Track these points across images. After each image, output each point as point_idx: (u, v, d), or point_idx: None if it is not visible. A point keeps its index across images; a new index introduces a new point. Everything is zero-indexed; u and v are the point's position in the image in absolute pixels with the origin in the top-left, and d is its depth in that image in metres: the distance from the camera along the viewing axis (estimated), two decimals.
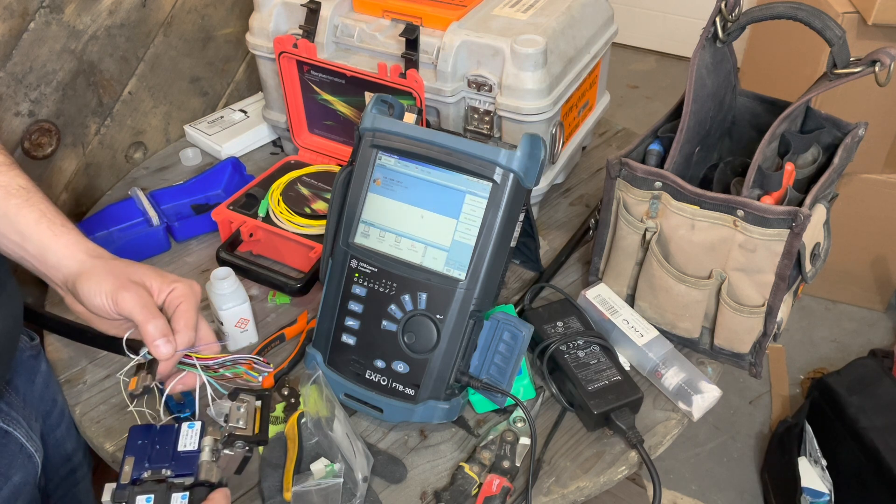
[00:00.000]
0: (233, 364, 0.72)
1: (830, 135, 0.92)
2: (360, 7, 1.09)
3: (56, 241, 0.71)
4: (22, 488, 0.76)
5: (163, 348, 0.67)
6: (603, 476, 0.82)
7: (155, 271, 0.71)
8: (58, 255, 0.70)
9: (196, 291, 0.72)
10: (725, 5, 0.86)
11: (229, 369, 0.73)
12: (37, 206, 0.71)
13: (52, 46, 1.11)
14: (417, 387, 0.81)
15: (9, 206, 0.71)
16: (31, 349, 0.88)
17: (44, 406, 0.87)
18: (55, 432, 0.89)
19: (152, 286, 0.70)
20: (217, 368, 0.73)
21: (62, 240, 0.71)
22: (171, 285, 0.71)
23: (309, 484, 0.76)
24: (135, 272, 0.70)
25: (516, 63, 0.98)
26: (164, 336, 0.67)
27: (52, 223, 0.71)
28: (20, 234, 0.70)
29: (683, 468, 1.75)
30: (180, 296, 0.70)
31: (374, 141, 0.83)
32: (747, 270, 0.84)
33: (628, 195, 0.89)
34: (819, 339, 2.05)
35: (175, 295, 0.70)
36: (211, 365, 0.72)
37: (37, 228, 0.71)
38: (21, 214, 0.70)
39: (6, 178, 0.72)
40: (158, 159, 1.31)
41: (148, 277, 0.70)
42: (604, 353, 0.88)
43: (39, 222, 0.71)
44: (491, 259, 0.79)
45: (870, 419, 1.49)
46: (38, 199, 0.72)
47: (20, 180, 0.73)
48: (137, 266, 0.71)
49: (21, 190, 0.72)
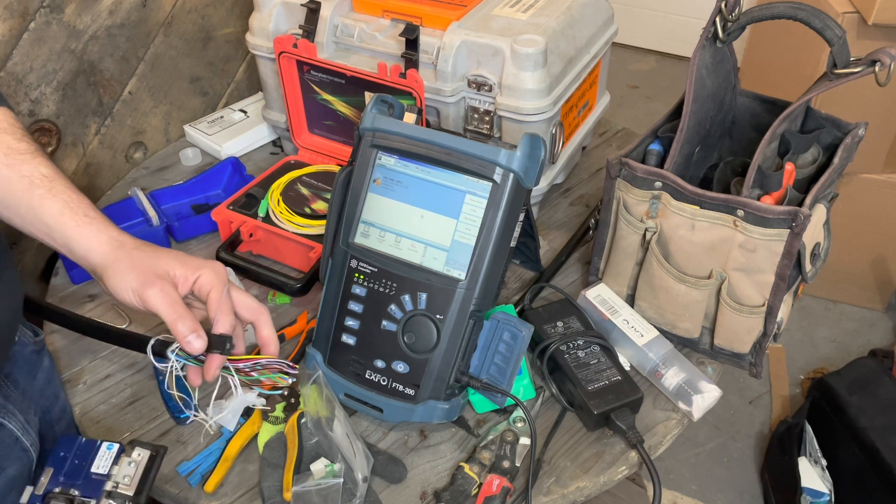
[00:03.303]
0: (263, 368, 0.73)
1: (830, 135, 0.92)
2: (360, 7, 1.09)
3: (79, 232, 0.71)
4: (16, 481, 0.76)
5: (195, 343, 0.68)
6: (603, 476, 0.82)
7: (178, 259, 0.71)
8: (82, 248, 0.71)
9: (221, 273, 0.72)
10: (725, 5, 0.86)
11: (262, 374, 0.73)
12: (60, 196, 0.71)
13: (52, 46, 1.11)
14: (417, 387, 0.81)
15: (32, 196, 0.71)
16: (34, 344, 0.88)
17: (44, 401, 0.87)
18: (55, 428, 0.89)
19: (177, 276, 0.70)
20: (249, 371, 0.73)
21: (85, 231, 0.71)
22: (196, 272, 0.71)
23: (309, 484, 0.76)
24: (158, 263, 0.70)
25: (516, 63, 0.98)
26: (194, 332, 0.68)
27: (75, 213, 0.71)
28: (46, 225, 0.71)
29: (683, 468, 1.75)
30: (208, 283, 0.71)
31: (374, 141, 0.83)
32: (747, 270, 0.84)
33: (628, 195, 0.89)
34: (819, 339, 2.05)
35: (202, 283, 0.71)
36: (242, 368, 0.72)
37: (60, 220, 0.71)
38: (45, 205, 0.71)
39: (30, 168, 0.72)
40: (158, 159, 1.31)
41: (172, 267, 0.70)
42: (604, 353, 0.88)
43: (63, 213, 0.71)
44: (491, 259, 0.79)
45: (870, 419, 1.49)
46: (61, 187, 0.72)
47: (43, 168, 0.73)
48: (161, 255, 0.71)
49: (44, 179, 0.72)
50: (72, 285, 1.05)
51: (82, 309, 1.01)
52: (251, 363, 0.73)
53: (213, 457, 0.82)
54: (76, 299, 1.03)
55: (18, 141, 0.74)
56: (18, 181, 0.71)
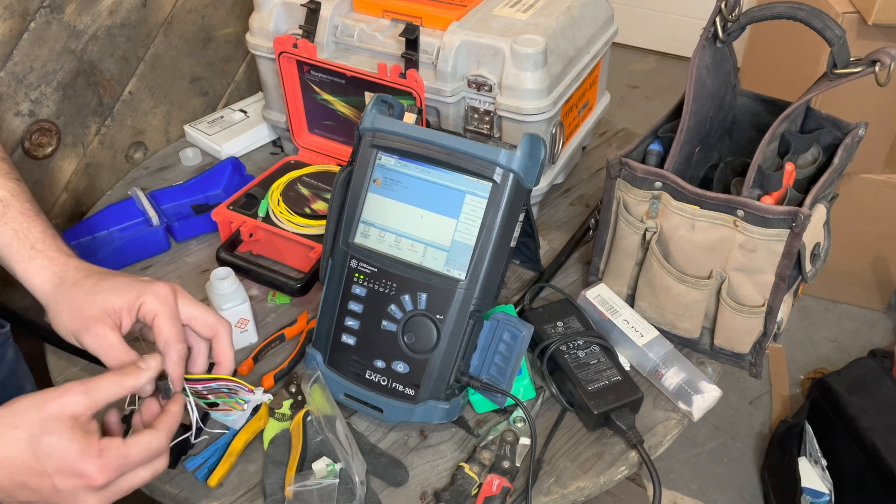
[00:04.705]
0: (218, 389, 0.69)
1: (830, 135, 0.93)
2: (360, 7, 1.09)
3: (24, 267, 0.68)
4: None
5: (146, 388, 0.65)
6: (603, 476, 0.82)
7: (117, 290, 0.67)
8: (29, 283, 0.68)
9: (164, 296, 0.67)
10: (725, 5, 0.86)
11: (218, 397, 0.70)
12: (10, 225, 0.69)
13: (52, 46, 1.11)
14: (417, 387, 0.81)
15: None
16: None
17: (6, 393, 0.86)
18: None
19: (118, 309, 0.66)
20: (205, 394, 0.70)
21: (28, 267, 0.68)
22: (137, 301, 0.66)
23: (309, 483, 0.76)
24: (96, 300, 0.66)
25: (516, 63, 0.98)
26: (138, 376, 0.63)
27: (22, 245, 0.69)
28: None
29: (683, 468, 1.76)
30: (151, 310, 0.67)
31: (374, 141, 0.83)
32: (747, 270, 0.84)
33: (628, 195, 0.89)
34: (819, 339, 2.05)
35: (146, 311, 0.67)
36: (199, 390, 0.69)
37: (8, 251, 0.69)
38: None
39: None
40: (158, 159, 1.31)
41: (111, 301, 0.66)
42: (604, 353, 0.88)
43: (10, 244, 0.69)
44: (491, 259, 0.79)
45: (870, 419, 1.49)
46: (13, 214, 0.70)
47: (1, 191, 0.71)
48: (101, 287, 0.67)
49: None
50: None
51: None
52: (208, 386, 0.69)
53: (220, 452, 0.82)
54: None
55: None
56: None
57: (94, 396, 0.60)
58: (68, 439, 0.58)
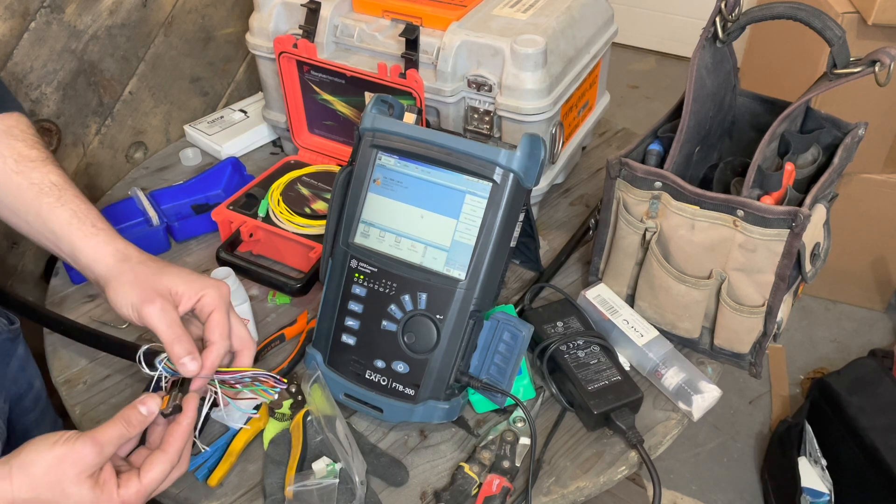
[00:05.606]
0: (251, 381, 0.72)
1: (830, 135, 0.93)
2: (360, 7, 1.09)
3: (85, 242, 0.71)
4: None
5: (189, 366, 0.67)
6: (603, 476, 0.82)
7: (182, 277, 0.71)
8: (87, 258, 0.71)
9: (224, 295, 0.72)
10: (725, 5, 0.86)
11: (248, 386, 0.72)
12: (68, 205, 0.72)
13: (52, 46, 1.11)
14: (417, 387, 0.81)
15: (41, 204, 0.71)
16: (9, 332, 0.88)
17: (16, 389, 0.87)
18: (25, 418, 0.88)
19: (180, 294, 0.70)
20: (234, 384, 0.72)
21: (91, 242, 0.71)
22: (199, 293, 0.70)
23: (309, 483, 0.76)
24: (161, 280, 0.69)
25: (516, 63, 0.98)
26: (190, 354, 0.67)
27: (83, 223, 0.71)
28: (53, 233, 0.71)
29: (683, 468, 1.75)
30: (211, 304, 0.70)
31: (374, 141, 0.83)
32: (747, 270, 0.84)
33: (628, 195, 0.89)
34: (819, 339, 2.05)
35: (205, 303, 0.70)
36: (227, 380, 0.71)
37: (67, 229, 0.71)
38: (53, 214, 0.71)
39: (39, 175, 0.72)
40: (158, 159, 1.31)
41: (175, 284, 0.70)
42: (604, 353, 0.88)
43: (70, 223, 0.71)
44: (491, 259, 0.79)
45: (870, 419, 1.49)
46: (70, 196, 0.73)
47: (53, 177, 0.73)
48: (165, 271, 0.71)
49: (53, 187, 0.72)
50: (72, 286, 1.05)
51: (81, 309, 1.01)
52: (238, 375, 0.71)
53: (220, 452, 0.82)
54: (76, 300, 1.03)
55: (30, 148, 0.74)
56: (28, 188, 0.71)
57: (106, 452, 0.62)
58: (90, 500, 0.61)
